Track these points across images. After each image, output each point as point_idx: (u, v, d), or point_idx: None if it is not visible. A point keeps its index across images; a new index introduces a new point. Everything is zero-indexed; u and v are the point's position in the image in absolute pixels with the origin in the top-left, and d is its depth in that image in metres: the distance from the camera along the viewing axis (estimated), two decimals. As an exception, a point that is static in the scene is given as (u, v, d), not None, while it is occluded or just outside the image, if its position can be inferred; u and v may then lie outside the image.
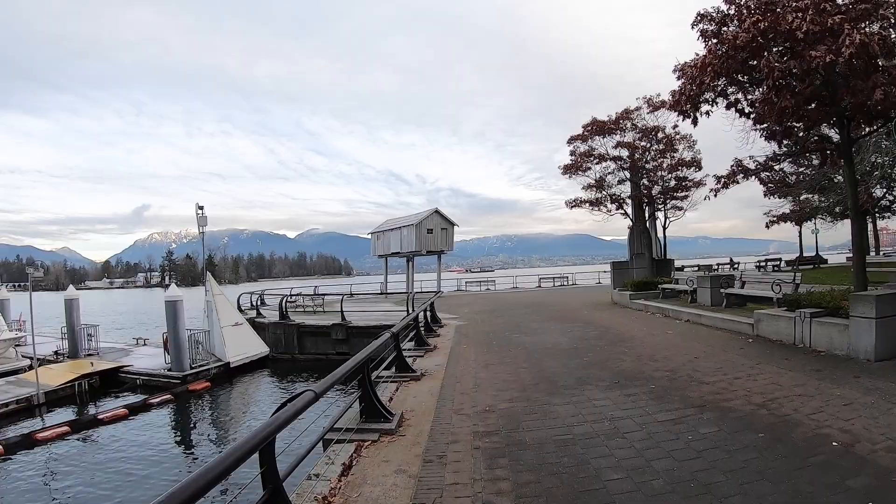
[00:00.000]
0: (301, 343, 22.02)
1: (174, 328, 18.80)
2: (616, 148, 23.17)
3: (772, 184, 38.78)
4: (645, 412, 6.65)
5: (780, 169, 35.85)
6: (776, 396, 7.09)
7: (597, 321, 16.46)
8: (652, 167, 23.10)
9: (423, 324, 15.44)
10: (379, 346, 6.65)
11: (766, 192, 39.66)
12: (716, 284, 16.39)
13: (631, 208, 23.46)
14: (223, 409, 17.18)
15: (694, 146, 23.12)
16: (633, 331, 13.93)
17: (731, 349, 10.67)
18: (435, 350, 12.42)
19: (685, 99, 11.03)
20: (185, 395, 17.80)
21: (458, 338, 14.41)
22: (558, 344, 12.41)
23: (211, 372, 19.30)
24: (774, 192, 39.75)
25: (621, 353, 10.76)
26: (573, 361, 10.19)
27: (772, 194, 39.98)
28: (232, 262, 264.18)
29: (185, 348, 18.91)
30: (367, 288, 45.50)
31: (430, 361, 11.03)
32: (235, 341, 20.46)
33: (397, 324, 9.63)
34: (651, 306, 18.27)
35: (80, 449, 13.65)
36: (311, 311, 26.31)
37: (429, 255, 36.17)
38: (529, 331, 15.03)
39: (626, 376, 8.70)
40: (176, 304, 19.01)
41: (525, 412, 6.95)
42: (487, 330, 15.82)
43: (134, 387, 19.28)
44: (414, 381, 9.20)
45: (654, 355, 10.39)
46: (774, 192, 39.75)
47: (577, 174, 23.86)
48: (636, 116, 22.97)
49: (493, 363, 10.50)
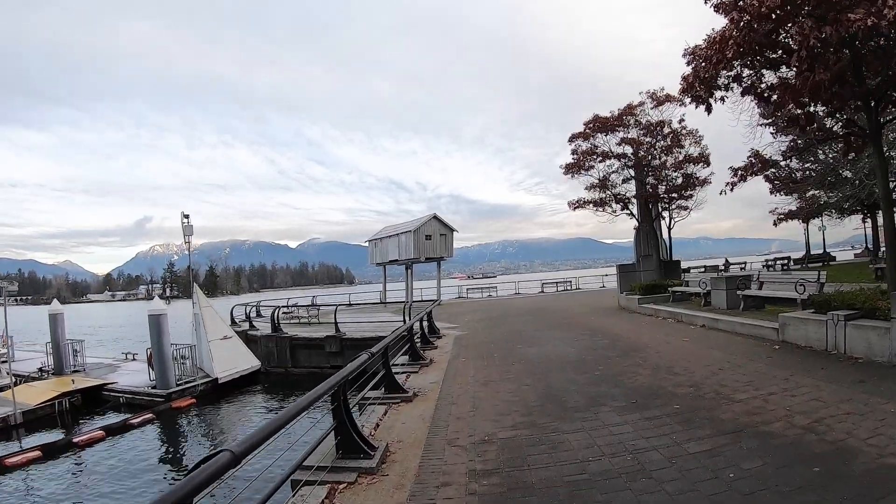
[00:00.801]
0: (294, 356, 21.01)
1: (158, 343, 17.82)
2: (620, 145, 22.16)
3: (778, 181, 37.84)
4: (672, 441, 5.62)
5: (786, 165, 34.94)
6: (822, 416, 6.06)
7: (605, 328, 15.43)
8: (657, 164, 22.08)
9: (420, 335, 14.44)
10: (354, 368, 5.63)
11: (772, 189, 38.72)
12: (732, 286, 15.36)
13: (637, 208, 22.42)
14: (207, 428, 16.14)
15: (700, 141, 22.10)
16: (646, 338, 12.89)
17: (757, 358, 9.63)
18: (431, 365, 11.41)
19: (699, 82, 10.02)
20: (168, 414, 16.78)
21: (456, 350, 13.38)
22: (565, 355, 11.37)
23: (197, 388, 18.26)
24: (781, 189, 38.77)
25: (635, 366, 9.72)
26: (582, 376, 9.14)
27: (778, 191, 39.01)
28: (233, 273, 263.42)
29: (170, 364, 17.91)
30: (368, 297, 44.63)
31: (424, 378, 10.01)
32: (224, 355, 19.43)
33: (387, 337, 8.60)
34: (662, 311, 17.22)
35: (51, 476, 12.62)
36: (305, 322, 25.29)
37: (428, 262, 35.07)
38: (533, 340, 14.00)
39: (644, 394, 7.67)
40: (160, 317, 18.01)
41: (530, 443, 5.92)
42: (488, 340, 14.80)
43: (117, 405, 18.29)
44: (405, 403, 8.19)
45: (673, 367, 9.36)
46: (781, 189, 38.77)
47: (580, 173, 22.81)
48: (640, 112, 21.97)
49: (493, 379, 9.47)
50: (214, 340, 19.52)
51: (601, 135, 22.23)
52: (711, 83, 10.29)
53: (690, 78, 10.42)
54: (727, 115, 20.57)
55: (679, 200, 23.72)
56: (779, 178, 37.40)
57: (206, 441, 15.15)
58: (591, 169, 22.72)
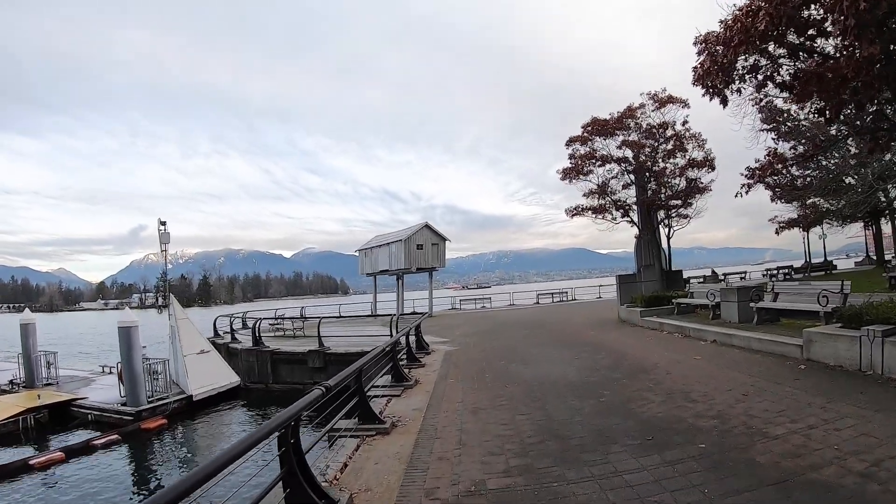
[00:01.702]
0: (276, 371, 19.78)
1: (128, 357, 16.54)
2: (620, 148, 21.06)
3: (779, 188, 36.96)
4: (704, 496, 4.47)
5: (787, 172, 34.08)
6: (880, 458, 4.95)
7: (607, 344, 14.29)
8: (659, 169, 21.01)
9: (406, 351, 13.28)
10: (304, 405, 4.46)
11: (773, 197, 37.81)
12: (744, 298, 14.23)
13: (637, 215, 21.30)
14: (175, 451, 14.83)
15: (704, 145, 21.03)
16: (653, 356, 11.75)
17: (784, 380, 8.49)
18: (416, 386, 10.24)
19: (716, 69, 8.93)
20: (136, 435, 15.47)
21: (445, 368, 12.21)
22: (565, 376, 10.22)
23: (170, 406, 16.97)
24: (782, 197, 37.87)
25: (646, 390, 8.57)
26: (586, 403, 7.99)
27: (779, 199, 38.11)
28: (227, 283, 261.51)
29: (141, 380, 16.62)
30: (360, 307, 43.31)
31: (406, 404, 8.85)
32: (200, 371, 18.17)
33: (361, 359, 7.43)
34: (667, 324, 16.09)
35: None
36: (290, 335, 24.05)
37: (419, 272, 33.80)
38: (529, 358, 12.85)
39: (660, 427, 6.53)
40: (130, 330, 16.74)
41: (527, 497, 4.76)
42: (480, 357, 13.63)
43: (85, 423, 16.99)
44: (381, 436, 7.03)
45: (689, 392, 8.21)
46: (782, 197, 37.87)
47: (578, 178, 21.66)
48: (640, 115, 20.94)
49: (484, 406, 8.29)
50: (190, 355, 18.27)
51: (600, 139, 21.17)
52: (729, 71, 9.21)
53: (706, 65, 9.33)
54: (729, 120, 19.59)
55: (681, 208, 22.58)
56: (780, 186, 36.53)
57: (171, 467, 13.88)
58: (590, 174, 21.63)
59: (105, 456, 14.15)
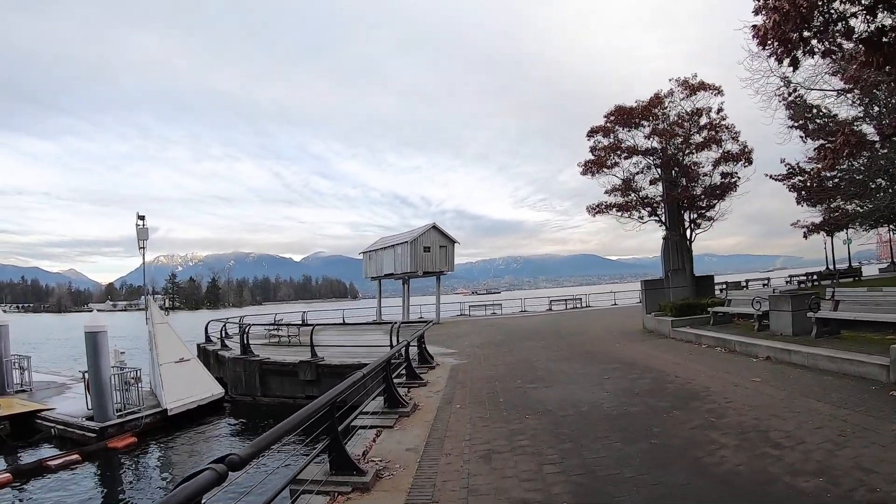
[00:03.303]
0: (264, 383, 17.85)
1: (95, 366, 14.67)
2: (649, 138, 19.01)
3: (805, 189, 34.79)
4: None
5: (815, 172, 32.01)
6: None
7: (639, 360, 12.31)
8: (689, 162, 18.95)
9: (406, 365, 11.36)
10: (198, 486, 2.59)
11: (798, 199, 35.63)
12: (800, 306, 12.22)
13: (666, 214, 19.27)
14: (143, 474, 12.88)
15: (738, 137, 18.92)
16: (700, 377, 9.78)
17: (880, 413, 6.57)
18: (414, 414, 8.32)
19: (794, 16, 6.95)
20: (100, 454, 13.57)
21: (451, 389, 10.28)
22: (597, 403, 8.27)
23: (142, 422, 15.05)
24: (809, 199, 35.67)
25: (708, 426, 6.60)
26: (634, 447, 6.04)
27: (805, 201, 35.92)
28: (236, 286, 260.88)
29: (108, 391, 14.71)
30: (366, 313, 41.27)
31: (399, 440, 6.95)
32: (177, 382, 16.23)
33: (332, 390, 5.51)
34: (705, 337, 14.08)
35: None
36: (285, 342, 22.17)
37: (426, 276, 31.79)
38: (550, 376, 10.91)
39: (749, 491, 4.62)
40: (97, 336, 14.85)
41: None
42: (492, 375, 11.67)
43: (49, 437, 15.18)
44: (358, 495, 5.16)
45: (767, 430, 6.27)
46: (809, 199, 35.67)
47: (601, 173, 19.60)
48: (668, 103, 18.92)
49: (500, 448, 6.35)
50: (167, 364, 16.35)
51: (624, 129, 19.15)
52: (807, 21, 7.27)
53: (778, 18, 7.38)
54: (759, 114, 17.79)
55: (707, 210, 20.30)
56: (806, 188, 34.38)
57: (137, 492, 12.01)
58: (615, 167, 19.54)
59: (59, 479, 12.31)
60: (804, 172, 24.59)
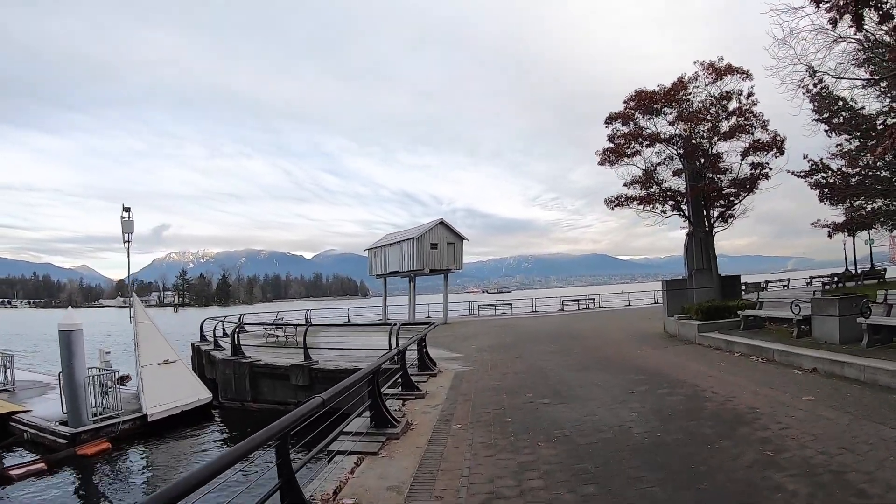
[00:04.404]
0: (255, 387, 16.60)
1: (68, 367, 13.54)
2: (673, 124, 17.54)
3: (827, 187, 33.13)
4: None
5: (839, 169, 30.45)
6: None
7: (666, 370, 10.93)
8: (715, 153, 17.44)
9: (402, 374, 10.03)
10: None
11: (821, 197, 33.95)
12: (848, 310, 10.80)
13: (690, 208, 17.78)
14: (112, 486, 11.69)
15: (767, 126, 17.36)
16: (743, 393, 8.38)
17: None
18: (405, 436, 7.01)
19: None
20: (69, 462, 12.42)
21: (451, 403, 8.95)
22: (624, 427, 6.91)
23: (118, 427, 13.82)
24: (832, 197, 33.98)
25: (768, 464, 5.24)
26: (678, 497, 4.67)
27: (827, 199, 34.23)
28: (246, 283, 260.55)
29: (82, 394, 13.49)
30: (373, 312, 39.91)
31: (381, 473, 5.67)
32: (160, 385, 15.00)
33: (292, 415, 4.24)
34: (737, 343, 12.68)
35: None
36: (282, 342, 20.90)
37: (433, 274, 30.40)
38: (565, 389, 9.56)
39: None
40: (71, 334, 13.69)
41: None
42: (500, 385, 10.35)
43: (22, 441, 14.11)
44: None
45: (842, 472, 4.91)
46: (832, 197, 33.98)
47: (620, 163, 18.08)
48: (693, 89, 17.43)
49: (505, 492, 4.96)
50: (149, 366, 15.14)
51: (645, 116, 17.64)
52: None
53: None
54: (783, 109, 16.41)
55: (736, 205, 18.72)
56: (829, 185, 32.74)
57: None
58: (636, 155, 18.06)
59: (20, 490, 11.14)
60: (827, 169, 23.16)
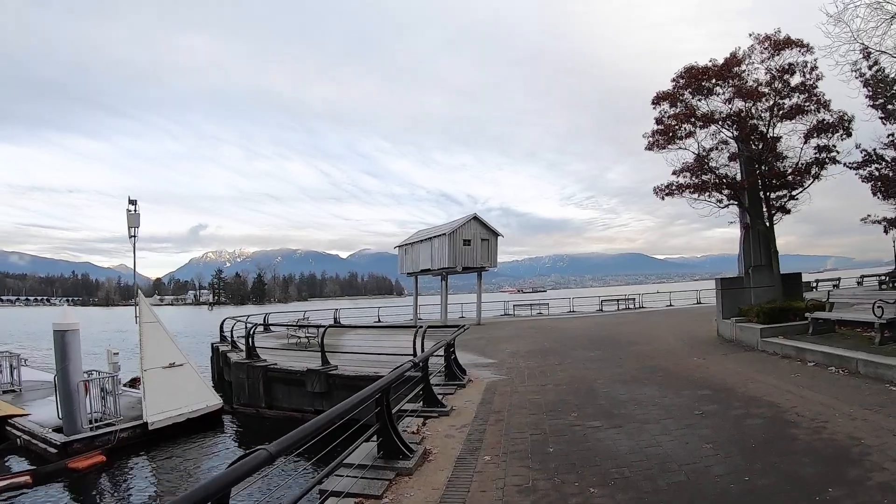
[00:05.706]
0: (270, 392, 15.42)
1: (62, 370, 12.65)
2: (729, 102, 15.63)
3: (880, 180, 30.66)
4: None
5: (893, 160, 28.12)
6: None
7: (733, 383, 9.34)
8: (774, 135, 15.52)
9: (423, 387, 8.63)
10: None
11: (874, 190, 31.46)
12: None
13: (747, 198, 15.89)
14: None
15: (829, 105, 15.41)
16: (833, 416, 6.80)
17: None
18: (419, 470, 5.69)
19: None
20: (58, 475, 11.34)
21: (480, 423, 7.59)
22: (699, 465, 5.45)
23: (115, 436, 12.71)
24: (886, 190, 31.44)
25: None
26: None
27: (881, 192, 31.67)
28: (281, 281, 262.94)
29: (77, 400, 12.52)
30: (404, 311, 38.43)
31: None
32: (163, 390, 13.86)
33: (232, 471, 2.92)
34: (809, 351, 10.99)
35: None
36: (304, 344, 19.68)
37: (466, 272, 28.92)
38: (617, 407, 8.10)
39: None
40: (65, 335, 12.72)
41: None
42: (538, 401, 8.93)
43: (17, 447, 13.31)
44: None
45: None
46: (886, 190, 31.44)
47: (669, 147, 16.00)
48: (747, 66, 15.58)
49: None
50: (152, 369, 14.03)
51: (695, 97, 15.83)
52: None
53: None
54: (841, 88, 14.79)
55: (799, 194, 16.77)
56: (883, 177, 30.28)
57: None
58: (689, 138, 16.12)
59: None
60: (882, 160, 21.12)
